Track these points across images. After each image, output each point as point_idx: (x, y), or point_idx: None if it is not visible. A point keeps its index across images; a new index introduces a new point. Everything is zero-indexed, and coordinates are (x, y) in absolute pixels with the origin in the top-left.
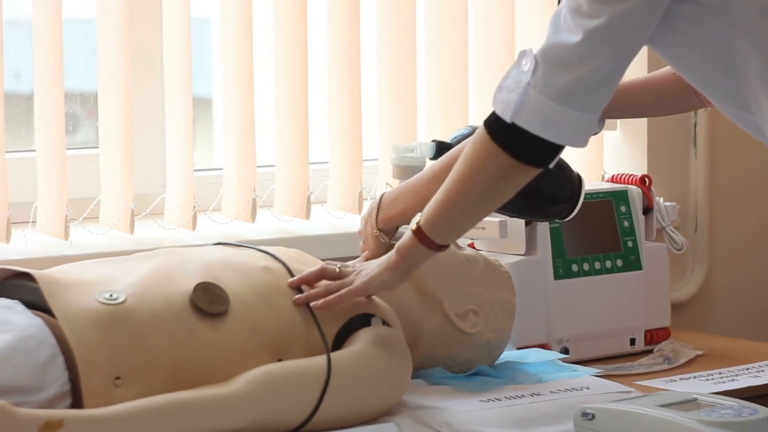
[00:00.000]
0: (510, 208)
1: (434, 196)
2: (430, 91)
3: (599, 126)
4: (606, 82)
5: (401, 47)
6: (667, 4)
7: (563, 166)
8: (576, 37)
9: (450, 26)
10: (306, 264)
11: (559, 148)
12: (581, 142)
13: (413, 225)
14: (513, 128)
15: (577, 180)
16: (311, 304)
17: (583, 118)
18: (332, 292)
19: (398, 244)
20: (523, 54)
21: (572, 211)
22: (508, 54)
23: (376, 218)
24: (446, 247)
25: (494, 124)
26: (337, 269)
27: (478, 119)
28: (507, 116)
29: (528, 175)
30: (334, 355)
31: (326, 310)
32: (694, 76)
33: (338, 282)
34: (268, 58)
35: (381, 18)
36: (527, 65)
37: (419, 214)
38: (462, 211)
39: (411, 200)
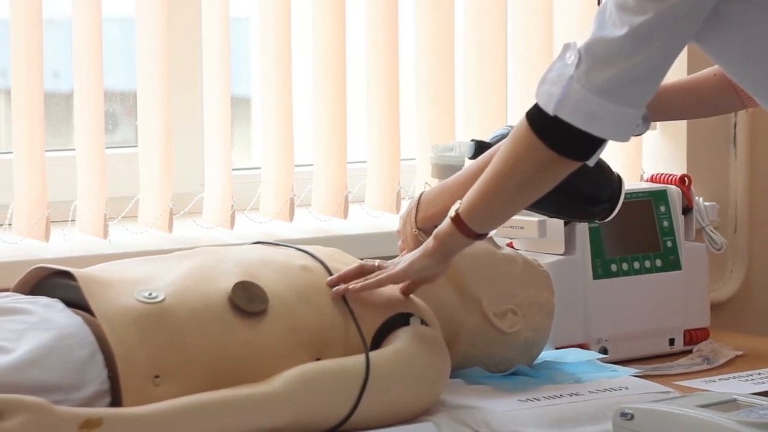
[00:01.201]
0: (550, 209)
1: (474, 185)
2: (469, 91)
3: (644, 126)
4: (649, 78)
5: (440, 46)
6: (714, 2)
7: (603, 167)
8: (621, 32)
9: (489, 25)
10: (344, 263)
11: (601, 143)
12: (623, 137)
13: (452, 212)
14: (555, 121)
15: (618, 180)
16: (349, 287)
17: (626, 113)
18: (366, 287)
19: (437, 230)
20: (567, 47)
21: (612, 211)
22: (547, 53)
23: (416, 217)
24: (484, 236)
25: (536, 117)
26: (376, 264)
27: (516, 119)
28: (550, 109)
29: (568, 168)
30: (372, 354)
31: (366, 309)
32: (739, 73)
33: (377, 272)
34: (307, 57)
35: (419, 17)
36: (571, 58)
37: (459, 201)
38: (500, 201)
39: (450, 199)
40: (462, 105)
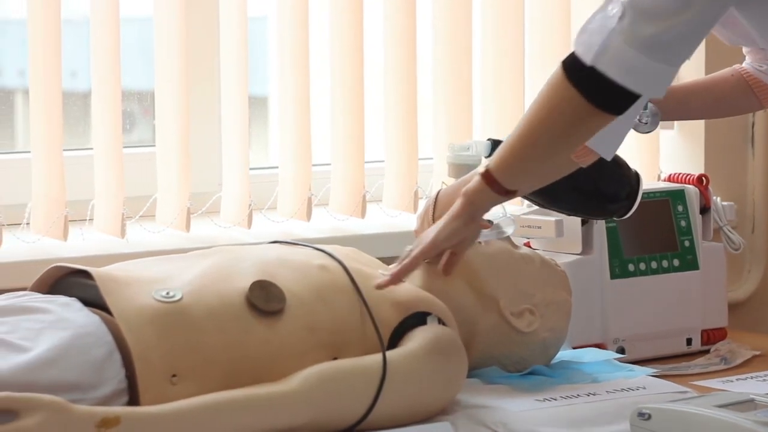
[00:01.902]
0: (568, 207)
1: (505, 139)
2: (486, 90)
3: (653, 124)
4: (691, 38)
5: (457, 46)
6: None
7: (621, 164)
8: None
9: (506, 24)
10: (362, 262)
11: (635, 98)
12: (658, 92)
13: (481, 168)
14: (591, 71)
15: (635, 177)
16: (390, 273)
17: (663, 70)
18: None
19: (465, 188)
20: None
21: (630, 208)
22: (564, 52)
23: (433, 215)
24: (513, 194)
25: (572, 65)
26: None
27: None
28: (588, 58)
29: (601, 121)
30: (389, 353)
31: (383, 309)
32: None
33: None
34: (324, 57)
35: (437, 16)
36: (613, 11)
37: (487, 159)
38: (532, 153)
39: None
40: (479, 104)
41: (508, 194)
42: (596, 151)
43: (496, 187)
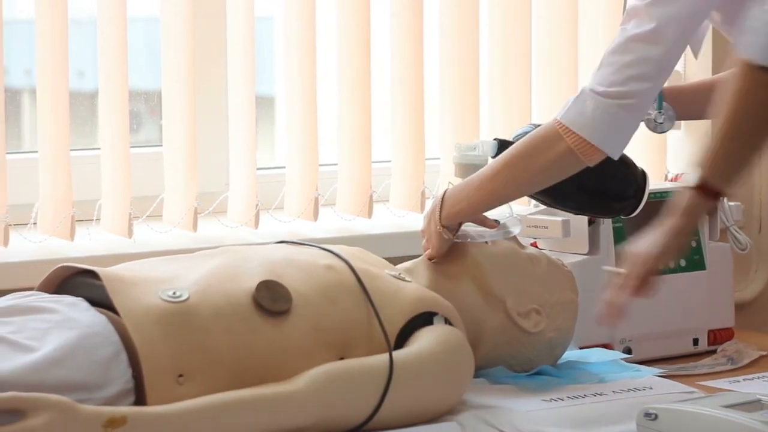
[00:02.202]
0: (575, 205)
1: (705, 148)
2: (493, 90)
3: (669, 124)
4: None
5: (464, 45)
6: None
7: (628, 162)
8: None
9: (513, 25)
10: (368, 262)
11: None
12: None
13: (691, 184)
14: None
15: (642, 176)
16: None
17: None
18: (636, 284)
19: (677, 207)
20: None
21: (637, 207)
22: (572, 52)
23: (440, 215)
24: (723, 195)
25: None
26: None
27: (540, 118)
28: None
29: None
30: (396, 353)
31: (389, 308)
32: None
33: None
34: (331, 57)
35: (444, 17)
36: None
37: (688, 175)
38: (741, 148)
39: (474, 195)
40: (486, 104)
41: (719, 196)
42: (604, 150)
43: (711, 194)
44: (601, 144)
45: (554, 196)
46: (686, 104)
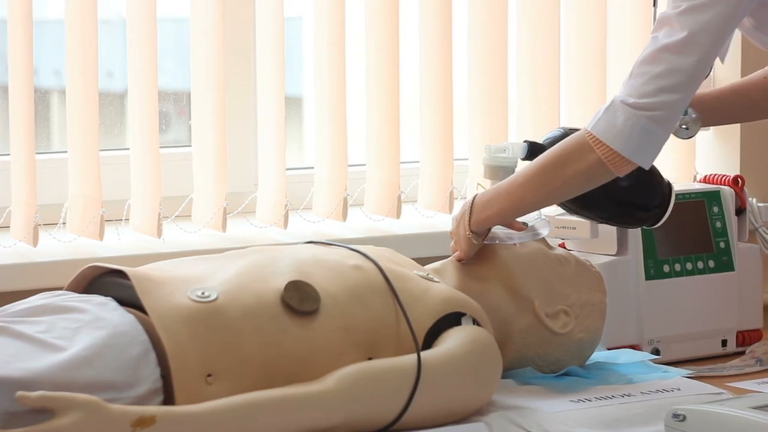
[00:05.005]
0: (600, 215)
1: None
2: (522, 91)
3: (695, 128)
4: None
5: (493, 46)
6: None
7: (654, 173)
8: None
9: (542, 26)
10: (397, 263)
11: None
12: None
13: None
14: None
15: (667, 187)
16: None
17: None
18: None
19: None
20: None
21: (662, 218)
22: (600, 54)
23: (469, 220)
24: None
25: None
26: None
27: (569, 120)
28: None
29: None
30: (424, 354)
31: (418, 309)
32: None
33: None
34: (360, 57)
35: (473, 17)
36: None
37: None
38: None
39: (505, 201)
40: (515, 105)
41: None
42: (634, 162)
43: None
44: (632, 156)
45: (581, 204)
46: (714, 111)
